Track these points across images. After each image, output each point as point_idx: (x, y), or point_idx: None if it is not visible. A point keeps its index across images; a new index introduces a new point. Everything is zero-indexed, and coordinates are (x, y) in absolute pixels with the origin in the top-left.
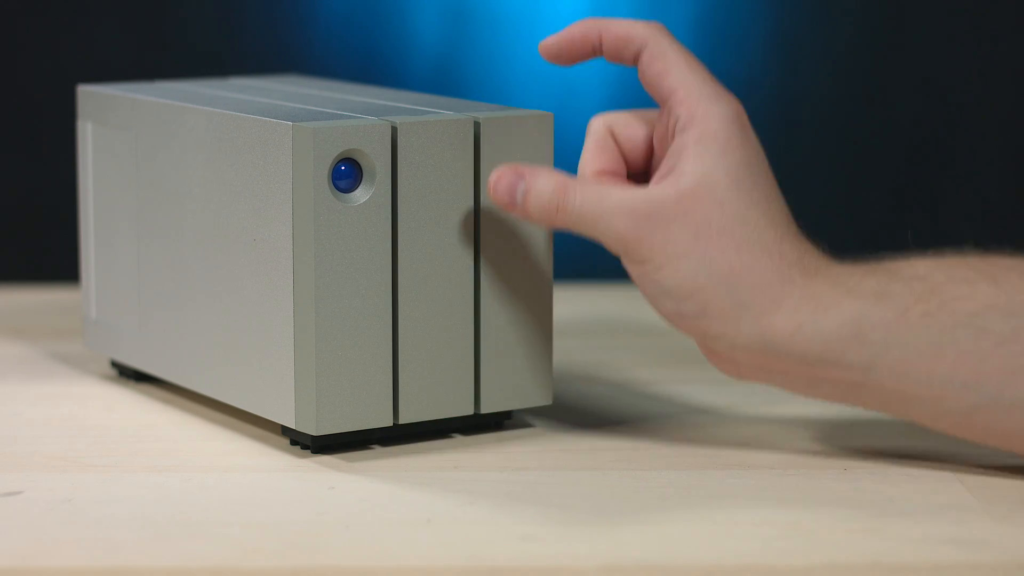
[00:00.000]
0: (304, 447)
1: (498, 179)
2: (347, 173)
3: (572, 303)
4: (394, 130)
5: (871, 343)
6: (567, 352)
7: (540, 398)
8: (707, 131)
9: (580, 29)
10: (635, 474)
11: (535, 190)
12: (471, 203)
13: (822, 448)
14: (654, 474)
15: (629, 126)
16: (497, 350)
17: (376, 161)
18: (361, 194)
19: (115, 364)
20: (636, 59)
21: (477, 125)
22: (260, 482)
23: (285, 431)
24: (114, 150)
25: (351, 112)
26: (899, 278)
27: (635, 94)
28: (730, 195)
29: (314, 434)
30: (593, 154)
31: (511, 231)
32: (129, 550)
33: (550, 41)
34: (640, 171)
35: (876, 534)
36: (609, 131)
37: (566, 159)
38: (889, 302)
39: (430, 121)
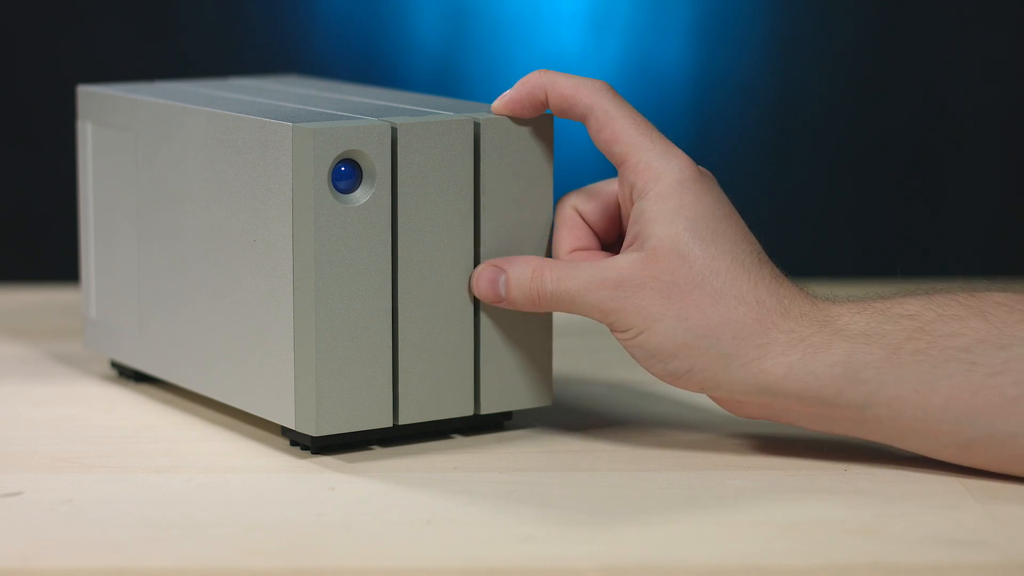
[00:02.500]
0: (304, 448)
1: (479, 277)
2: (347, 174)
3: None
4: (394, 131)
5: (864, 382)
6: (567, 352)
7: (540, 398)
8: (662, 192)
9: (527, 89)
10: (635, 474)
11: (514, 280)
12: (471, 203)
13: (822, 448)
14: (654, 474)
15: (591, 201)
16: (497, 350)
17: (376, 162)
18: (361, 195)
19: (115, 364)
20: (583, 121)
21: (477, 125)
22: (260, 483)
23: (285, 432)
24: (114, 150)
25: (351, 113)
26: (889, 317)
27: (635, 95)
28: (694, 250)
29: (314, 435)
30: (564, 234)
31: (511, 231)
32: (129, 550)
33: (500, 102)
34: (615, 240)
35: (876, 534)
36: (575, 210)
37: (566, 159)
38: (880, 340)
39: (430, 122)
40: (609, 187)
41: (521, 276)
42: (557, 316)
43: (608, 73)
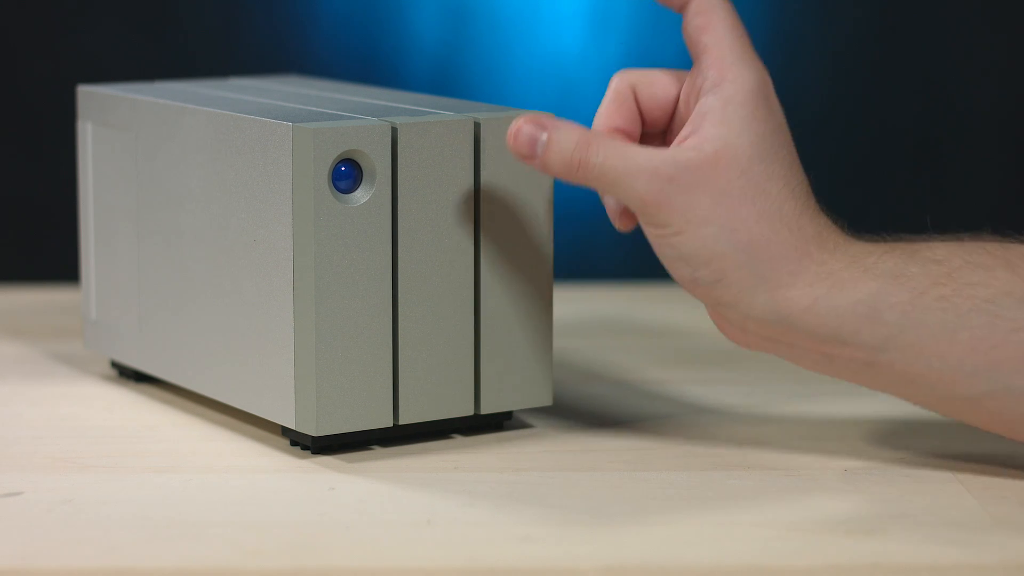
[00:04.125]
0: (304, 448)
1: (519, 129)
2: (347, 174)
3: (572, 303)
4: (394, 130)
5: (885, 323)
6: (567, 352)
7: (540, 398)
8: (734, 97)
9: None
10: (635, 475)
11: (557, 142)
12: (471, 203)
13: (822, 448)
14: (654, 475)
15: (652, 84)
16: (497, 350)
17: (376, 162)
18: (361, 195)
19: (115, 364)
20: (683, 7)
21: (477, 125)
22: (260, 483)
23: (285, 432)
24: (114, 150)
25: (351, 113)
26: (917, 260)
27: None
28: (753, 165)
29: (314, 435)
30: (610, 111)
31: (511, 231)
32: (129, 550)
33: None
34: (657, 132)
35: (876, 534)
36: (631, 89)
37: None
38: (906, 283)
39: (430, 121)
40: (674, 74)
41: (565, 141)
42: (557, 316)
43: (608, 73)
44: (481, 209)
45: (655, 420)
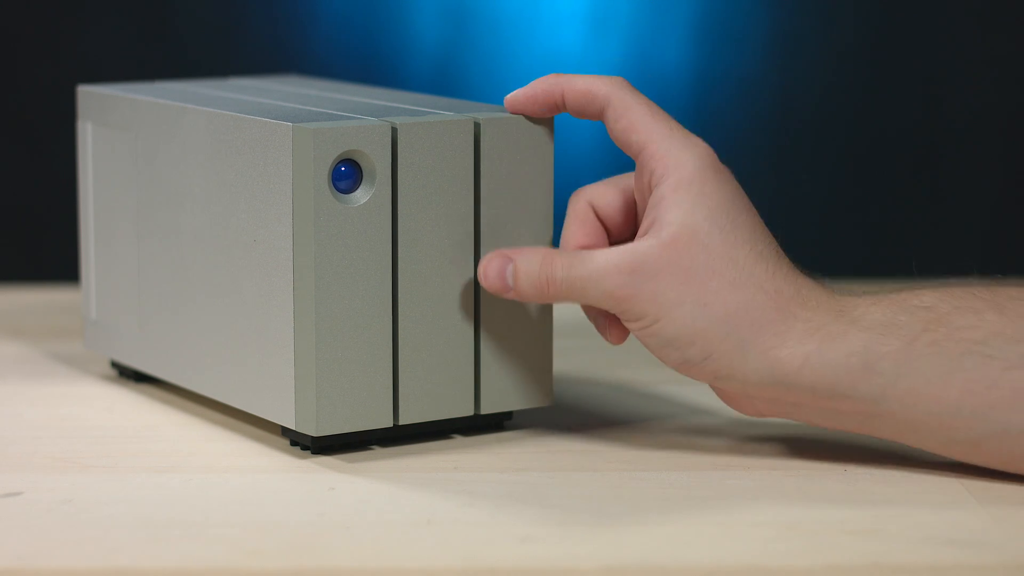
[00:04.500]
0: (304, 448)
1: (487, 265)
2: (347, 174)
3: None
4: (394, 131)
5: (880, 373)
6: (567, 352)
7: (540, 399)
8: (682, 179)
9: (543, 87)
10: (635, 475)
11: (523, 269)
12: (471, 203)
13: (822, 448)
14: (654, 475)
15: (607, 195)
16: (497, 350)
17: (376, 162)
18: (361, 195)
19: (115, 364)
20: (601, 116)
21: (477, 125)
22: (260, 483)
23: (285, 432)
24: (114, 150)
25: (351, 113)
26: (906, 308)
27: None
28: (713, 238)
29: (314, 435)
30: (574, 230)
31: (511, 232)
32: (129, 550)
33: (515, 97)
34: (624, 240)
35: (876, 534)
36: (589, 205)
37: (566, 159)
38: (897, 332)
39: (430, 122)
40: (626, 180)
41: (530, 265)
42: (557, 316)
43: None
44: (481, 209)
45: (655, 420)
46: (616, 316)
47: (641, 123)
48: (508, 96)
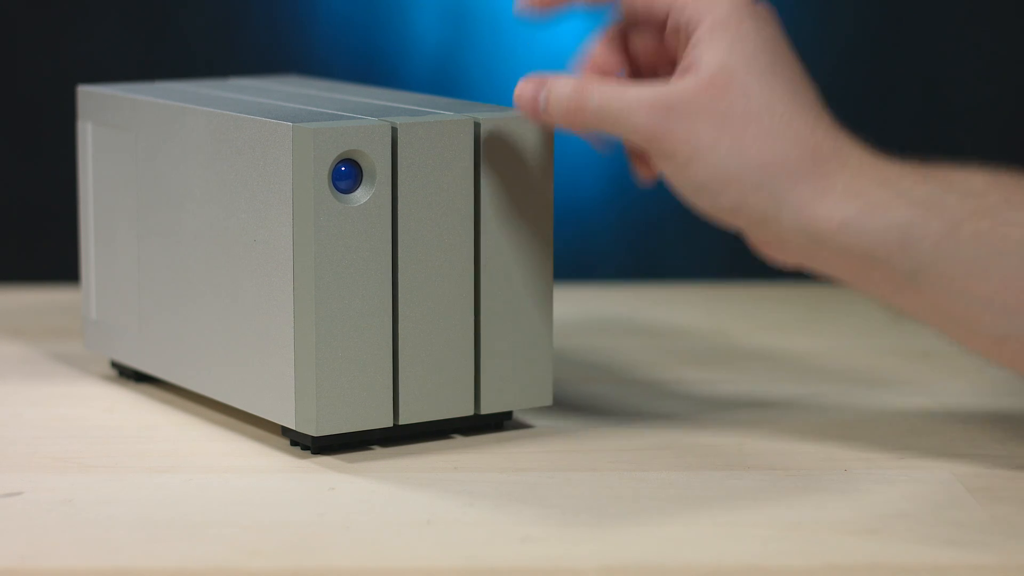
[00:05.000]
0: (304, 448)
1: (522, 88)
2: (347, 174)
3: (572, 303)
4: (394, 131)
5: (918, 252)
6: (567, 352)
7: (540, 398)
8: (717, 20)
9: None
10: (635, 475)
11: (555, 94)
12: (471, 203)
13: (822, 448)
14: (654, 475)
15: (644, 32)
16: (497, 350)
17: (376, 162)
18: (361, 195)
19: (115, 364)
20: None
21: (477, 125)
22: (260, 483)
23: (285, 432)
24: (114, 150)
25: (351, 113)
26: (954, 190)
27: None
28: (751, 85)
29: (314, 435)
30: (598, 51)
31: (511, 231)
32: (129, 551)
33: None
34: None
35: (876, 534)
36: (621, 32)
37: (567, 159)
38: (941, 214)
39: (430, 121)
40: (659, 27)
41: (563, 90)
42: (557, 316)
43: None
44: (481, 209)
45: (655, 420)
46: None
47: None
48: (517, 5)
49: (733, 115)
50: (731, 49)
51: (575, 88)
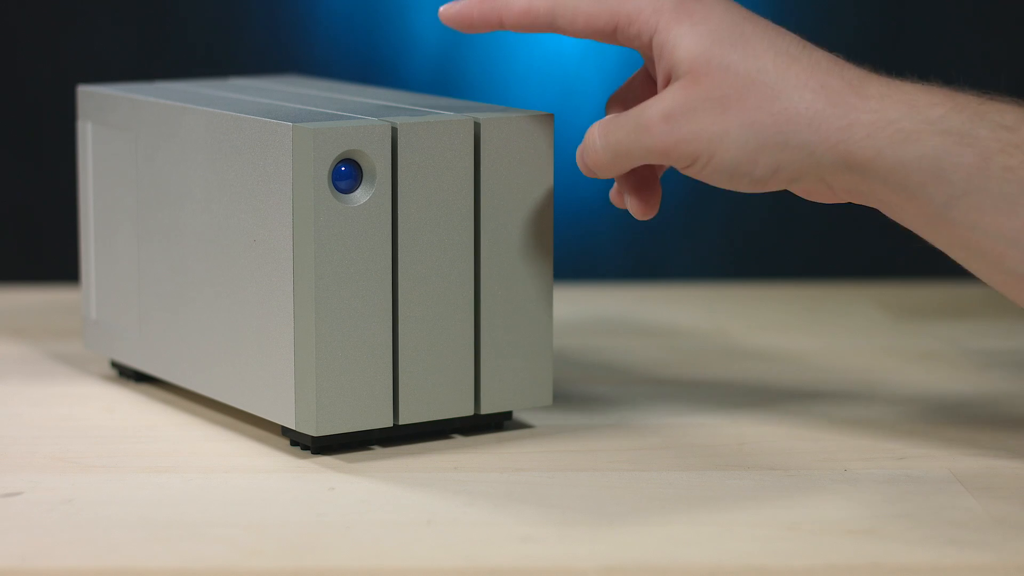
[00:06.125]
0: (304, 448)
1: (577, 157)
2: (347, 174)
3: (572, 303)
4: (394, 131)
5: (950, 182)
6: (567, 352)
7: (540, 398)
8: (669, 21)
9: (479, 12)
10: (635, 475)
11: (581, 150)
12: (471, 203)
13: (822, 448)
14: (654, 475)
15: (631, 94)
16: (497, 350)
17: (376, 162)
18: (361, 195)
19: (115, 364)
20: (554, 30)
21: (477, 125)
22: (260, 483)
23: (285, 432)
24: (114, 150)
25: (351, 112)
26: (986, 123)
27: None
28: (731, 57)
29: (314, 435)
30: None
31: (511, 231)
32: (129, 550)
33: (448, 12)
34: None
35: (876, 534)
36: (627, 96)
37: (566, 159)
38: (973, 144)
39: (430, 121)
40: (641, 77)
41: (585, 142)
42: (557, 316)
43: (608, 73)
44: (481, 209)
45: (655, 420)
46: (638, 187)
47: (595, 7)
48: (443, 8)
49: (727, 95)
50: (695, 37)
51: (587, 139)
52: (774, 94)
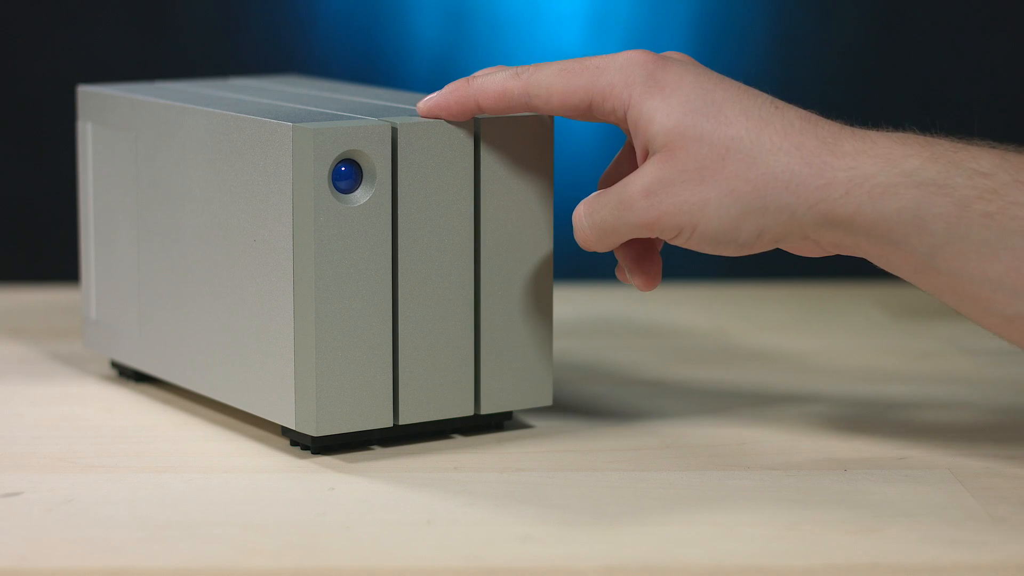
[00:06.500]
0: (304, 448)
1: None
2: (347, 174)
3: (572, 303)
4: (394, 131)
5: (931, 233)
6: (567, 352)
7: (540, 398)
8: (640, 95)
9: (456, 98)
10: (635, 475)
11: (575, 227)
12: (471, 203)
13: (822, 448)
14: (654, 475)
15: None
16: (497, 350)
17: (376, 162)
18: (361, 195)
19: (115, 364)
20: (530, 110)
21: (477, 125)
22: (260, 483)
23: (285, 432)
24: (114, 150)
25: (351, 113)
26: (962, 171)
27: None
28: (704, 127)
29: (314, 435)
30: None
31: (511, 231)
32: (129, 551)
33: (427, 107)
34: None
35: (876, 534)
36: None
37: (566, 159)
38: (951, 195)
39: (430, 122)
40: (627, 152)
41: (574, 222)
42: (557, 316)
43: None
44: (481, 209)
45: (655, 420)
46: (637, 261)
47: (568, 86)
48: (419, 105)
49: (704, 166)
50: (667, 110)
51: (575, 218)
52: (750, 160)
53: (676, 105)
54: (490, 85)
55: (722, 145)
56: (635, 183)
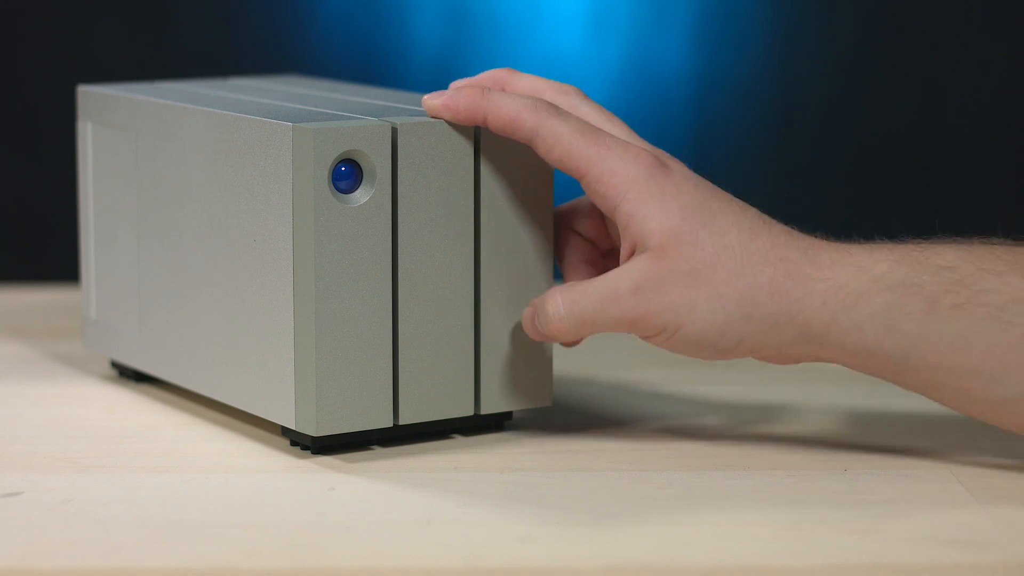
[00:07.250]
0: (304, 448)
1: (525, 322)
2: (347, 174)
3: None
4: (394, 131)
5: (903, 334)
6: (567, 352)
7: (540, 399)
8: (640, 193)
9: (466, 104)
10: (635, 475)
11: (540, 316)
12: (471, 203)
13: (822, 448)
14: (654, 475)
15: (581, 218)
16: (497, 350)
17: (376, 162)
18: (361, 195)
19: (115, 364)
20: (530, 144)
21: (478, 126)
22: (260, 483)
23: (285, 432)
24: (114, 150)
25: (351, 113)
26: (928, 268)
27: (635, 95)
28: (700, 234)
29: (314, 435)
30: (565, 253)
31: (511, 232)
32: (129, 551)
33: (433, 105)
34: (609, 247)
35: (876, 534)
36: (568, 228)
37: None
38: (919, 293)
39: (430, 121)
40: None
41: (543, 311)
42: None
43: (608, 73)
44: (481, 209)
45: (655, 420)
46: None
47: (574, 150)
48: (427, 98)
49: (696, 269)
50: (667, 212)
51: (549, 304)
52: (740, 269)
53: (675, 209)
54: (504, 107)
55: (714, 252)
56: (623, 279)
